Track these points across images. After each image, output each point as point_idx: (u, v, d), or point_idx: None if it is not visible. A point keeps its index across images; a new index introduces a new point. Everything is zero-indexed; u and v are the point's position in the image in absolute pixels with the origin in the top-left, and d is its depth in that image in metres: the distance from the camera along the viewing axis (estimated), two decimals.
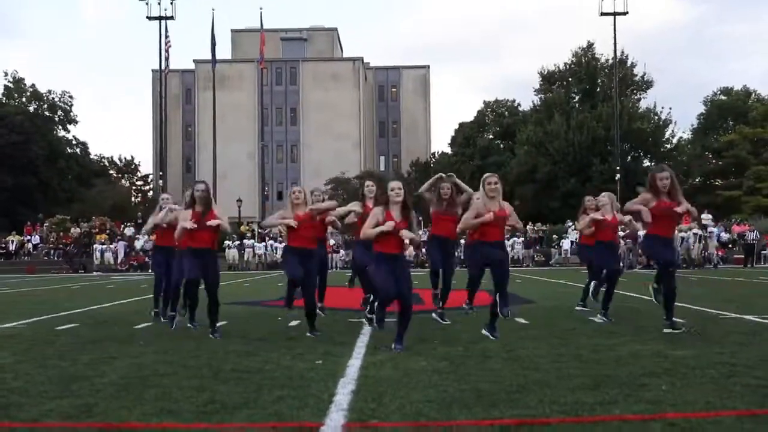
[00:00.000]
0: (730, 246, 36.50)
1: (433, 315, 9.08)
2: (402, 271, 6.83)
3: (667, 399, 4.46)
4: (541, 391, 4.71)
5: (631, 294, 13.08)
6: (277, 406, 4.39)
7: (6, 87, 63.01)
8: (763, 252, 34.95)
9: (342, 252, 35.68)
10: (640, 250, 30.51)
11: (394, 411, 4.24)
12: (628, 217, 9.40)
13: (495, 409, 4.23)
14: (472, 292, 8.93)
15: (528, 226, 39.14)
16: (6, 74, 62.93)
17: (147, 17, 43.84)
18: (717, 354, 6.21)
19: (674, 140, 52.41)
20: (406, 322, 6.79)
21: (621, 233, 13.49)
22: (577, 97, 54.51)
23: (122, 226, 42.63)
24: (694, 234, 30.96)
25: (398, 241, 6.82)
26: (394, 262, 6.81)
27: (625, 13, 43.44)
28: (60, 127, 65.53)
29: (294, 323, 8.97)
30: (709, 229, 33.03)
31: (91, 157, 69.92)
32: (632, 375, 5.23)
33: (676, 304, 7.90)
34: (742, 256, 33.93)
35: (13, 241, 41.38)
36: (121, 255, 37.96)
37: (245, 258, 37.33)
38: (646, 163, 50.83)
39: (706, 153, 62.07)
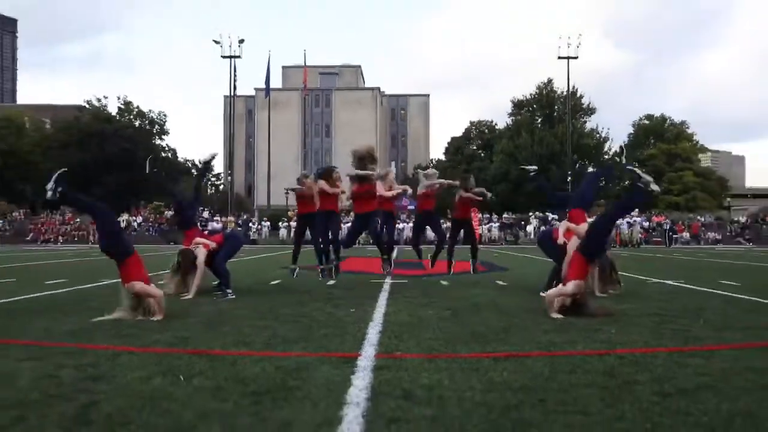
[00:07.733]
0: (650, 231, 36.27)
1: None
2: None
3: (617, 339, 4.37)
4: (522, 334, 4.63)
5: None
6: (323, 341, 4.34)
7: (119, 108, 63.41)
8: (674, 236, 34.70)
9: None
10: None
11: (412, 346, 4.17)
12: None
13: (489, 346, 4.15)
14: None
15: (504, 215, 39.00)
16: (119, 98, 63.57)
17: (221, 56, 43.68)
18: (649, 307, 6.11)
19: (610, 152, 52.07)
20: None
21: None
22: (539, 120, 54.05)
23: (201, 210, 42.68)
24: (627, 223, 31.06)
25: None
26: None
27: (576, 58, 43.00)
28: (157, 137, 65.70)
29: (331, 282, 8.79)
30: (634, 218, 33.14)
31: (179, 159, 70.01)
32: (589, 322, 5.12)
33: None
34: (660, 239, 33.81)
35: (124, 221, 41.54)
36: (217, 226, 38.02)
37: (290, 235, 37.21)
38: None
39: (635, 163, 61.33)
